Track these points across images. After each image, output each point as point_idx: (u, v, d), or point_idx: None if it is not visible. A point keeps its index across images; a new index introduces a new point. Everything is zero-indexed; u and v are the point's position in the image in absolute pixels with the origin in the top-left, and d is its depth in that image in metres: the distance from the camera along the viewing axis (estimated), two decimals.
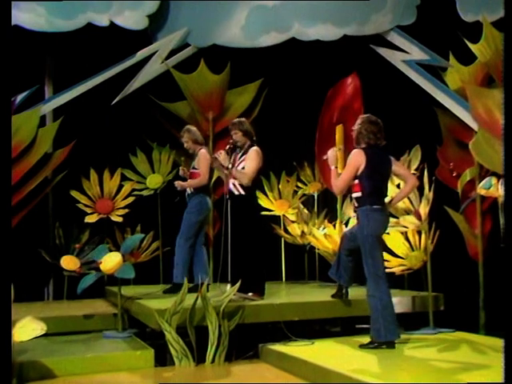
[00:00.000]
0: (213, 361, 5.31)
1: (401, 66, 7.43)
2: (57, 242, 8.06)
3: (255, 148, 6.07)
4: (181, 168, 7.06)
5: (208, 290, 6.28)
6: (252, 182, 5.98)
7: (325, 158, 5.50)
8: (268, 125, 8.22)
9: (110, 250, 6.18)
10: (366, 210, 5.17)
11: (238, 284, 5.55)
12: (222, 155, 6.02)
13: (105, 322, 6.32)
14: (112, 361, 5.15)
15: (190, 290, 5.51)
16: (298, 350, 5.18)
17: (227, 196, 6.07)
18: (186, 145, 6.93)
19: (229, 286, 5.81)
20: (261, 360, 5.45)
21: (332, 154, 5.42)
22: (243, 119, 6.31)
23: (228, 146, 6.11)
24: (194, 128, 7.05)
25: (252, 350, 5.54)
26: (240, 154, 6.13)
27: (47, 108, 7.73)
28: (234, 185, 6.03)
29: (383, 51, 7.58)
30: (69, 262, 7.58)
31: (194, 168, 6.87)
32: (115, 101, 7.70)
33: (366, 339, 5.26)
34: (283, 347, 5.33)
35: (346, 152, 5.68)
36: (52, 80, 8.53)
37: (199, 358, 5.32)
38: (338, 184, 5.28)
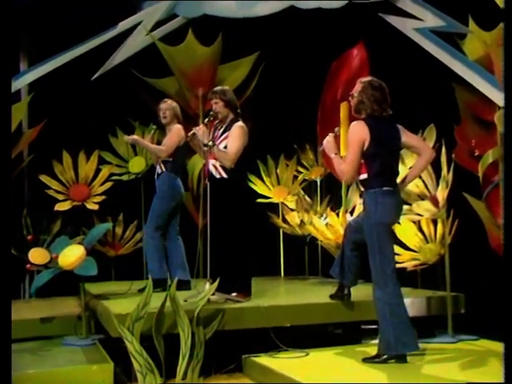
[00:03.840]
0: (184, 376, 4.53)
1: (413, 34, 6.88)
2: (24, 233, 7.45)
3: (240, 124, 5.38)
4: (148, 137, 6.53)
5: (190, 289, 5.65)
6: (237, 164, 5.28)
7: (320, 150, 4.81)
8: (265, 103, 8.04)
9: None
10: (375, 193, 4.39)
11: (216, 282, 4.81)
12: (200, 130, 5.26)
13: (69, 325, 5.57)
14: (61, 377, 4.33)
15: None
16: (288, 363, 4.49)
17: (206, 179, 5.40)
18: (162, 115, 6.34)
19: (208, 284, 5.00)
20: (244, 374, 4.76)
21: (328, 141, 4.62)
22: (226, 87, 5.68)
23: (207, 119, 5.37)
24: (176, 103, 6.53)
25: (234, 362, 4.85)
26: (222, 130, 5.43)
27: (20, 83, 7.56)
28: (214, 166, 5.34)
29: (392, 19, 7.05)
30: (37, 256, 6.78)
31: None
32: (95, 76, 7.43)
33: (372, 348, 4.58)
34: (270, 359, 4.61)
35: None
36: (27, 54, 8.13)
37: (169, 373, 4.55)
38: (344, 169, 4.44)
